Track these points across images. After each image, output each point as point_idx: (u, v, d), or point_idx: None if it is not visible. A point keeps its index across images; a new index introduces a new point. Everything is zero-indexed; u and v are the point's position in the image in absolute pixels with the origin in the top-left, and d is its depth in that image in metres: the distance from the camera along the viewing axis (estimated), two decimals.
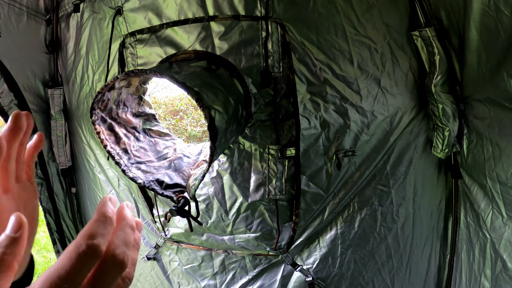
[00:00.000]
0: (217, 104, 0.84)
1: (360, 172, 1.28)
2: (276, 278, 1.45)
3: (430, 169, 1.32)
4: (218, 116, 0.83)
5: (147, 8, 1.23)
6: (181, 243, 1.51)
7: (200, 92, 0.77)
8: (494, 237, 1.15)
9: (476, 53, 1.05)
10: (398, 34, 1.16)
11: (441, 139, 1.21)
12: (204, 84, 0.85)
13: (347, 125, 1.21)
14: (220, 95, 0.90)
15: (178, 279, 1.61)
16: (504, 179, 1.07)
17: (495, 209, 1.13)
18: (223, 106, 0.88)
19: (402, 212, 1.32)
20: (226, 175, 1.30)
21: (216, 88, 0.90)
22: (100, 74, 1.43)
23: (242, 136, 1.23)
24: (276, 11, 1.12)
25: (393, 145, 1.26)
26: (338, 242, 1.36)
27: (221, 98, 0.89)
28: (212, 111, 0.79)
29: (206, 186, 1.34)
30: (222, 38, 1.16)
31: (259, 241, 1.36)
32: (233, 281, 1.51)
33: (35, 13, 1.47)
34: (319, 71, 1.16)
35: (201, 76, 0.91)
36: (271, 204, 1.29)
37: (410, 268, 1.41)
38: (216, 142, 0.83)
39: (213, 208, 1.36)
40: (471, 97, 1.13)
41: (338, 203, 1.31)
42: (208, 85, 0.87)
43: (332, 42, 1.14)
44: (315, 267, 1.39)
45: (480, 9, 0.97)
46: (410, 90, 1.21)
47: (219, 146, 0.90)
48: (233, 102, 0.97)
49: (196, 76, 0.87)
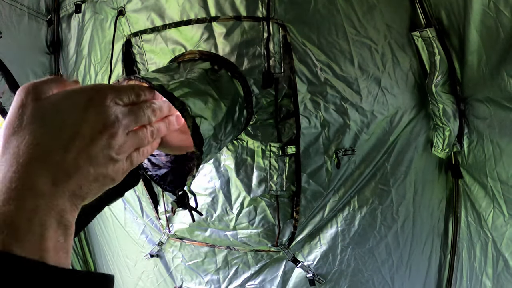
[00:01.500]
0: (205, 112, 0.87)
1: (359, 171, 1.30)
2: (277, 273, 1.48)
3: (430, 169, 1.33)
4: (205, 123, 0.85)
5: (149, 9, 1.23)
6: (185, 239, 1.54)
7: (186, 102, 0.79)
8: (496, 236, 1.17)
9: (476, 54, 1.05)
10: (399, 34, 1.16)
11: (441, 139, 1.22)
12: (194, 92, 0.87)
13: (347, 125, 1.22)
14: (211, 101, 0.92)
15: (181, 275, 1.64)
16: (505, 178, 1.08)
17: (496, 208, 1.14)
18: (212, 113, 0.90)
19: (402, 211, 1.34)
20: (230, 169, 1.32)
21: (207, 95, 0.93)
22: (103, 74, 1.44)
23: (245, 134, 1.25)
24: (277, 12, 1.12)
25: (393, 145, 1.27)
26: (339, 240, 1.38)
27: (210, 106, 0.91)
28: (197, 119, 0.82)
29: (213, 180, 1.36)
30: (224, 39, 1.16)
31: (261, 237, 1.38)
32: (236, 276, 1.53)
33: (36, 14, 1.47)
34: (319, 71, 1.16)
35: (194, 83, 0.92)
36: (273, 201, 1.31)
37: (410, 267, 1.43)
38: (204, 147, 0.85)
39: (219, 202, 1.37)
40: (472, 97, 1.14)
41: (338, 201, 1.33)
42: (198, 92, 0.89)
43: (333, 42, 1.14)
44: (315, 264, 1.42)
45: (480, 10, 0.97)
46: (410, 90, 1.22)
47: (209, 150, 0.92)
48: (224, 107, 0.99)
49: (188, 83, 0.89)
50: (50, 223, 0.32)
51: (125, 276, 1.85)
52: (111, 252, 1.89)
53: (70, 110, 0.37)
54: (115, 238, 1.80)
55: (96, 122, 0.38)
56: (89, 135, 0.37)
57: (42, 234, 0.31)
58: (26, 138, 0.34)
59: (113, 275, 0.35)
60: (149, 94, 0.48)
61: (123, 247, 1.79)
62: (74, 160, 0.36)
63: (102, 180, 0.39)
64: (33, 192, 0.32)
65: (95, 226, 1.91)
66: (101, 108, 0.39)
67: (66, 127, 0.36)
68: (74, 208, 0.36)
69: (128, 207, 1.66)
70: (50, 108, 0.37)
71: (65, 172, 0.35)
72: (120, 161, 0.41)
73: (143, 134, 0.44)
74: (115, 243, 1.82)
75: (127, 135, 0.41)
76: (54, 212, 0.33)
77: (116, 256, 1.86)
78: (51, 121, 0.36)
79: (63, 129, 0.36)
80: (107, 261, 1.95)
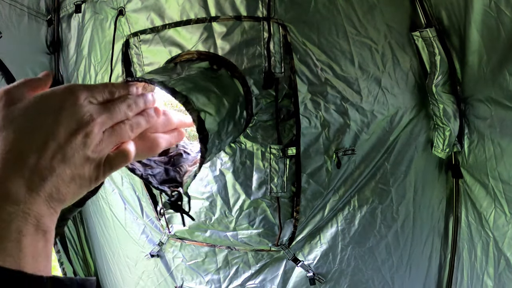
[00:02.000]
0: (209, 107, 0.85)
1: (359, 170, 1.30)
2: (278, 272, 1.48)
3: (430, 169, 1.33)
4: (209, 118, 0.84)
5: (149, 9, 1.22)
6: (185, 240, 1.54)
7: (188, 95, 0.78)
8: (497, 236, 1.16)
9: (477, 53, 1.05)
10: (399, 34, 1.16)
11: (441, 139, 1.22)
12: (196, 87, 0.86)
13: (347, 125, 1.21)
14: (213, 97, 0.91)
15: (181, 275, 1.64)
16: (506, 178, 1.08)
17: (498, 208, 1.14)
18: (216, 108, 0.89)
19: (402, 211, 1.34)
20: (228, 173, 1.31)
21: (210, 91, 0.91)
22: (103, 74, 1.44)
23: (244, 136, 1.24)
24: (277, 11, 1.12)
25: (393, 144, 1.27)
26: (339, 239, 1.38)
27: (213, 101, 0.90)
28: (202, 113, 0.80)
29: (210, 184, 1.36)
30: (224, 38, 1.16)
31: (261, 237, 1.38)
32: (236, 275, 1.54)
33: (36, 14, 1.47)
34: (320, 71, 1.16)
35: (195, 79, 0.91)
36: (273, 201, 1.31)
37: (410, 267, 1.43)
38: (208, 144, 0.84)
39: (217, 205, 1.37)
40: (472, 97, 1.14)
41: (338, 201, 1.33)
42: (200, 88, 0.87)
43: (333, 42, 1.14)
44: (316, 263, 1.42)
45: (481, 10, 0.97)
46: (410, 90, 1.22)
47: (212, 148, 0.91)
48: (228, 103, 0.97)
49: (189, 79, 0.88)
50: (27, 230, 0.32)
51: (126, 275, 1.85)
52: (111, 252, 1.89)
53: (43, 113, 0.37)
54: (116, 238, 1.81)
55: (70, 123, 0.37)
56: (63, 136, 0.37)
57: (20, 241, 0.31)
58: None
59: (94, 278, 0.35)
60: (124, 90, 0.47)
61: (123, 247, 1.79)
62: (48, 162, 0.35)
63: (79, 181, 0.38)
64: (7, 199, 0.32)
65: (95, 226, 1.91)
66: (74, 108, 0.38)
67: (39, 130, 0.36)
68: (52, 212, 0.35)
69: (128, 207, 1.66)
70: (23, 113, 0.36)
71: (40, 175, 0.34)
72: (98, 160, 0.40)
73: (120, 129, 0.44)
74: (116, 243, 1.82)
75: (103, 133, 0.41)
76: (31, 217, 0.32)
77: (116, 256, 1.86)
78: (24, 126, 0.35)
79: (36, 133, 0.35)
80: (107, 261, 1.95)
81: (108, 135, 0.41)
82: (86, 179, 0.39)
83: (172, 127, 0.60)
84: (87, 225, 2.01)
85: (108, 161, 0.42)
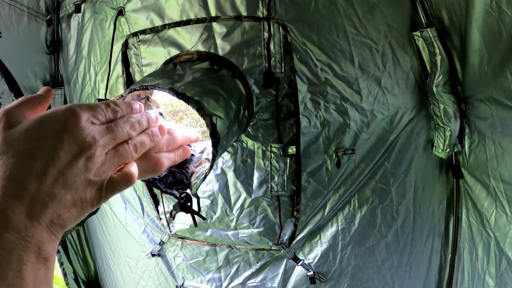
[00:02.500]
0: (218, 110, 0.85)
1: (360, 170, 1.30)
2: (278, 271, 1.49)
3: (431, 169, 1.33)
4: (220, 122, 0.84)
5: (149, 9, 1.22)
6: (186, 239, 1.54)
7: (200, 101, 0.77)
8: (499, 236, 1.17)
9: (478, 53, 1.05)
10: (400, 34, 1.16)
11: (442, 139, 1.22)
12: (205, 91, 0.86)
13: (347, 124, 1.22)
14: (221, 100, 0.91)
15: (182, 274, 1.64)
16: (508, 178, 1.08)
17: (499, 208, 1.14)
18: (224, 111, 0.89)
19: (402, 211, 1.34)
20: (230, 172, 1.32)
21: (217, 94, 0.91)
22: (103, 74, 1.43)
23: (245, 135, 1.24)
24: (278, 11, 1.11)
25: (393, 144, 1.27)
26: (339, 238, 1.38)
27: (222, 104, 0.89)
28: (213, 118, 0.80)
29: (211, 183, 1.36)
30: (224, 39, 1.16)
31: (262, 236, 1.39)
32: (237, 274, 1.54)
33: (35, 14, 1.47)
34: (320, 71, 1.16)
35: (202, 82, 0.91)
36: (274, 200, 1.32)
37: (411, 266, 1.44)
38: (218, 147, 0.84)
39: (218, 204, 1.38)
40: (473, 97, 1.14)
41: (338, 200, 1.33)
42: (208, 92, 0.87)
43: (333, 42, 1.14)
44: (316, 262, 1.42)
45: (482, 9, 0.97)
46: (411, 90, 1.22)
47: (221, 149, 0.91)
48: (234, 105, 0.97)
49: (196, 83, 0.88)
50: (28, 258, 0.31)
51: (127, 275, 1.86)
52: (112, 252, 1.89)
53: (43, 136, 0.35)
54: (116, 238, 1.81)
55: (71, 146, 0.36)
56: (64, 161, 0.35)
57: (21, 270, 0.30)
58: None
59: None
60: (126, 109, 0.46)
61: (124, 246, 1.80)
62: (49, 189, 0.34)
63: (81, 205, 0.37)
64: (8, 227, 0.31)
65: (95, 226, 1.91)
66: (76, 131, 0.37)
67: (40, 155, 0.35)
68: (54, 238, 0.35)
69: (129, 207, 1.66)
70: (23, 137, 0.35)
71: (41, 202, 0.33)
72: (100, 183, 0.39)
73: (124, 150, 0.42)
74: (116, 242, 1.82)
75: (106, 154, 0.40)
76: (32, 245, 0.32)
77: (117, 256, 1.87)
78: (24, 150, 0.34)
79: (37, 157, 0.34)
80: (107, 261, 1.95)
81: (111, 157, 0.40)
82: (88, 203, 0.38)
83: (176, 145, 0.59)
84: (87, 225, 2.01)
85: (111, 183, 0.41)
